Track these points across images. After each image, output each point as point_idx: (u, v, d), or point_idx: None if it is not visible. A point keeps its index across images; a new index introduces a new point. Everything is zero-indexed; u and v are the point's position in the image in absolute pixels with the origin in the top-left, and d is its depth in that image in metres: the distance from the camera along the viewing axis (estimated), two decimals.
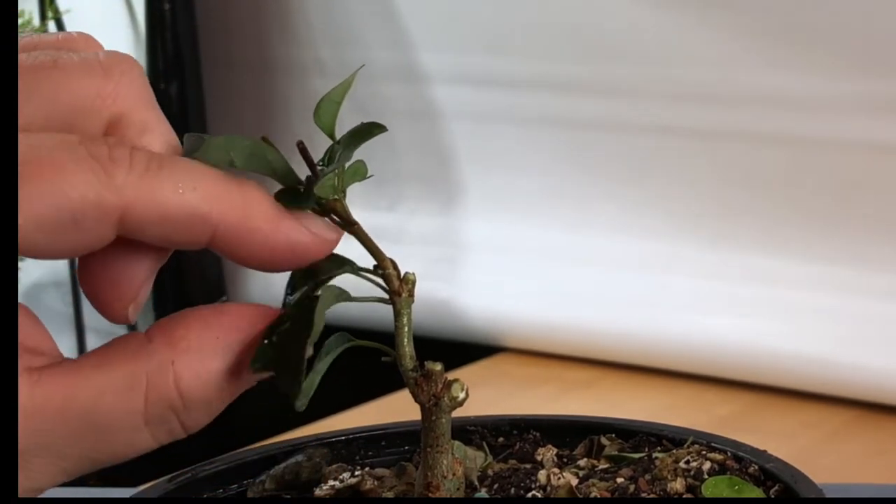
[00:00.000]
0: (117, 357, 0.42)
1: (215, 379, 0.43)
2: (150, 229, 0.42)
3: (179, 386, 0.42)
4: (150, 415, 0.42)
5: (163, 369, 0.42)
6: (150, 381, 0.42)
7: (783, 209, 1.29)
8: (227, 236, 0.43)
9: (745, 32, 1.28)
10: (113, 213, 0.41)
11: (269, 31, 1.60)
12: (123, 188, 0.41)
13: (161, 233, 0.42)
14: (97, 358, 0.42)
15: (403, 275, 0.47)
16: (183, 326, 0.43)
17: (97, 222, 0.41)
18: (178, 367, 0.42)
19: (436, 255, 1.48)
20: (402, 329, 0.47)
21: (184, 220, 0.42)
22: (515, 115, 1.44)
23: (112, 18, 1.60)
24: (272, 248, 0.43)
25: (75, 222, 0.40)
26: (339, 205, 0.46)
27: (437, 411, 0.48)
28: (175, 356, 0.42)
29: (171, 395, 0.42)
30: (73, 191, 0.40)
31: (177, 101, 1.58)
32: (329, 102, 0.47)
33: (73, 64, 0.44)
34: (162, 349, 0.42)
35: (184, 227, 0.42)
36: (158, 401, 0.42)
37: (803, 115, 1.26)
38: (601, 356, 1.36)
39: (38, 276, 1.58)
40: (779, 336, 1.26)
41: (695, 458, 0.51)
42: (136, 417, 0.42)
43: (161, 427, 0.42)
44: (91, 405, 0.41)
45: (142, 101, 0.45)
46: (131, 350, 0.42)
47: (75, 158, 0.41)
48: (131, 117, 0.44)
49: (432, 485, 0.48)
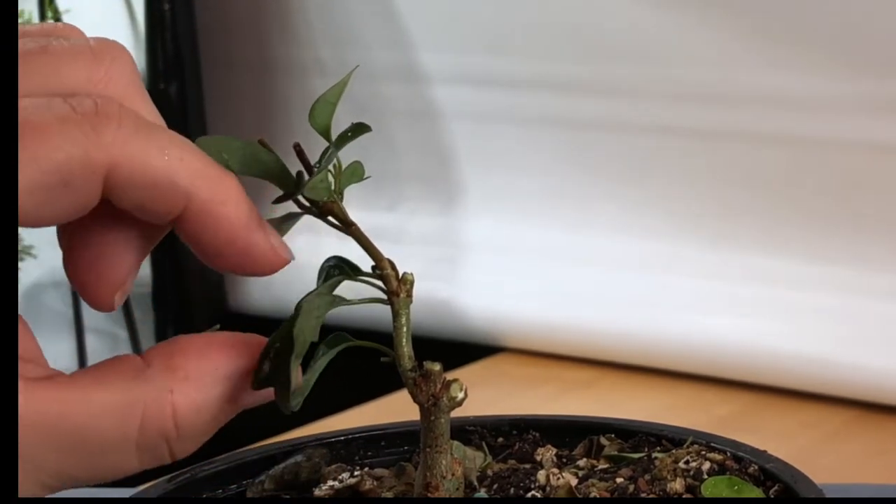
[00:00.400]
0: (115, 379, 0.42)
1: (211, 409, 0.42)
2: (130, 191, 0.41)
3: (176, 416, 0.42)
4: (142, 441, 0.42)
5: (161, 398, 0.42)
6: (147, 409, 0.41)
7: (783, 209, 1.29)
8: (197, 214, 0.43)
9: (745, 32, 1.28)
10: (101, 170, 0.41)
11: (268, 31, 1.60)
12: (111, 145, 0.41)
13: (140, 197, 0.42)
14: (94, 377, 0.42)
15: (402, 275, 0.47)
16: (181, 355, 0.43)
17: (86, 180, 0.40)
18: (176, 397, 0.42)
19: (436, 255, 1.48)
20: (400, 329, 0.47)
21: (164, 187, 0.42)
22: (515, 115, 1.44)
23: (112, 18, 1.60)
24: (233, 240, 0.43)
25: (65, 183, 0.40)
26: (336, 206, 0.46)
27: (435, 411, 0.48)
28: (174, 385, 0.42)
29: (167, 424, 0.42)
30: (60, 152, 0.40)
31: (177, 101, 1.58)
32: (324, 104, 0.47)
33: (63, 50, 0.44)
34: (160, 376, 0.42)
35: (163, 193, 0.42)
36: (153, 429, 0.42)
37: (803, 115, 1.26)
38: (601, 356, 1.36)
39: (38, 276, 1.58)
40: (779, 336, 1.26)
41: (694, 459, 0.51)
42: (127, 443, 0.42)
43: (150, 453, 0.42)
44: (84, 425, 0.41)
45: (132, 87, 0.45)
46: (129, 373, 0.42)
47: (60, 117, 0.41)
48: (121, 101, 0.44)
49: (431, 485, 0.48)
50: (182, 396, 0.42)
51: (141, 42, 1.60)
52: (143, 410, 0.41)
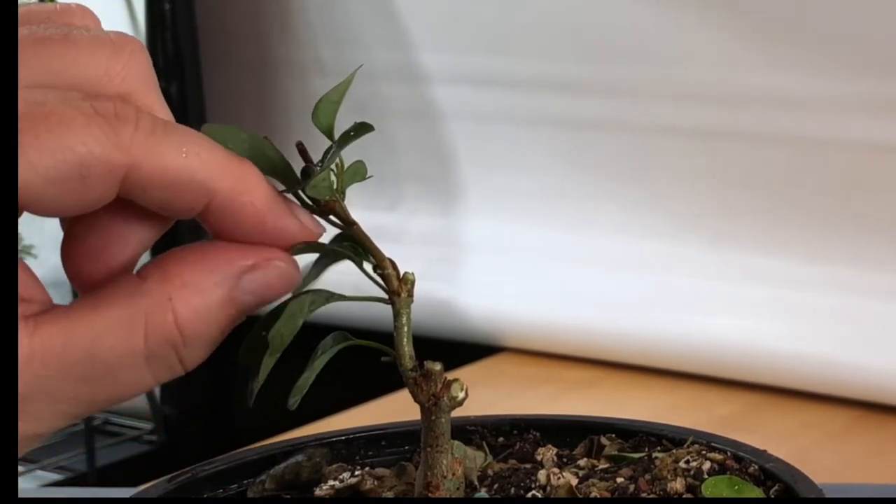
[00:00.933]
0: (113, 298, 0.42)
1: (213, 312, 0.43)
2: (150, 191, 0.42)
3: (178, 321, 0.42)
4: (150, 352, 0.42)
5: (161, 306, 0.42)
6: (149, 319, 0.42)
7: (783, 209, 1.29)
8: (221, 207, 0.43)
9: (745, 32, 1.28)
10: (119, 171, 0.41)
11: (269, 30, 1.60)
12: (130, 146, 0.41)
13: (161, 196, 0.42)
14: (92, 301, 0.42)
15: (402, 275, 0.47)
16: (176, 263, 0.43)
17: (103, 179, 0.41)
18: (176, 304, 0.42)
19: (436, 255, 1.48)
20: (401, 329, 0.47)
21: (185, 185, 0.42)
22: (515, 115, 1.44)
23: (112, 18, 1.60)
24: (261, 226, 0.44)
25: (82, 178, 0.41)
26: (338, 205, 0.46)
27: (436, 411, 0.48)
28: (172, 292, 0.42)
29: (171, 331, 0.42)
30: (82, 145, 0.40)
31: (177, 101, 1.58)
32: (327, 103, 0.47)
33: (84, 39, 0.44)
34: (158, 287, 0.42)
35: (184, 191, 0.42)
36: (158, 338, 0.42)
37: (803, 115, 1.26)
38: (601, 356, 1.36)
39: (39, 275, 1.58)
40: (779, 336, 1.26)
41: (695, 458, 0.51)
42: (136, 356, 0.42)
43: (161, 364, 0.43)
44: (91, 347, 0.41)
45: (147, 84, 0.45)
46: (127, 290, 0.42)
47: (83, 113, 0.41)
48: (136, 98, 0.44)
49: (432, 484, 0.48)
50: (182, 302, 0.42)
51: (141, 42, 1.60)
52: (146, 321, 0.42)
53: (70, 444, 1.65)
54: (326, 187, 0.46)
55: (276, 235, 0.44)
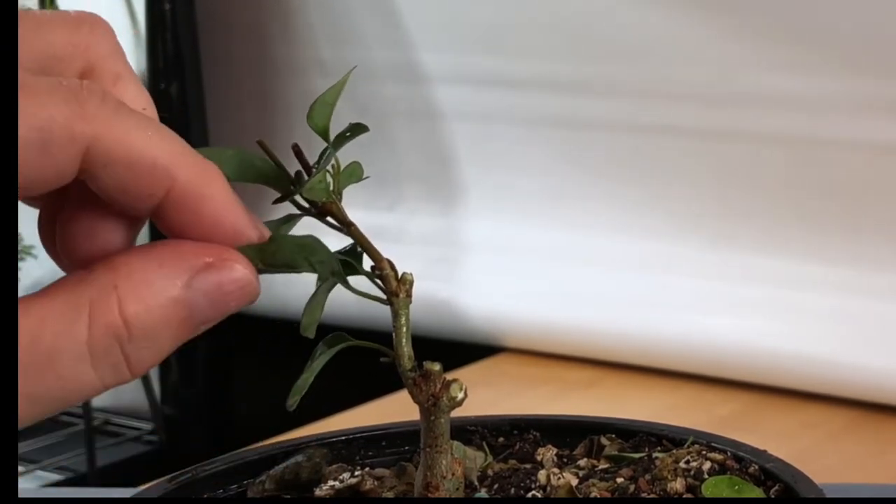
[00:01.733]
0: (58, 288, 0.41)
1: (161, 307, 0.41)
2: (111, 168, 0.41)
3: (123, 311, 0.41)
4: (93, 343, 0.41)
5: (105, 293, 0.41)
6: (93, 307, 0.41)
7: (783, 209, 1.29)
8: (180, 197, 0.42)
9: (745, 32, 1.28)
10: (81, 141, 0.40)
11: (269, 30, 1.60)
12: (94, 118, 0.40)
13: (121, 176, 0.41)
14: (37, 294, 0.41)
15: (401, 275, 0.47)
16: (125, 256, 0.42)
17: (64, 147, 0.40)
18: (120, 292, 0.41)
19: (436, 255, 1.48)
20: (400, 329, 0.47)
21: (147, 166, 0.41)
22: (515, 115, 1.44)
23: (112, 18, 1.59)
24: (218, 225, 0.43)
25: (43, 145, 0.40)
26: (335, 207, 0.46)
27: (435, 411, 0.48)
28: (117, 281, 0.41)
29: (115, 320, 0.41)
30: (43, 111, 0.40)
31: (177, 101, 1.58)
32: (322, 104, 0.47)
33: (45, 14, 0.44)
34: (103, 275, 0.41)
35: (145, 173, 0.41)
36: (101, 327, 0.41)
37: (803, 115, 1.26)
38: (601, 356, 1.36)
39: (39, 276, 1.58)
40: (779, 336, 1.26)
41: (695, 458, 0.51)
42: (79, 345, 0.40)
43: (105, 361, 0.41)
44: (33, 335, 0.40)
45: (113, 53, 0.45)
46: (73, 280, 0.42)
47: (48, 85, 0.40)
48: (104, 67, 0.44)
49: (431, 485, 0.48)
50: (127, 291, 0.41)
51: (141, 42, 1.60)
52: (90, 308, 0.41)
53: (70, 444, 1.65)
54: (323, 189, 0.46)
55: (232, 236, 0.43)
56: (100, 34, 0.45)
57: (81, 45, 0.44)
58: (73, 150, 0.40)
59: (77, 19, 0.45)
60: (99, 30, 0.45)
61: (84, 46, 0.44)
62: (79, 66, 0.44)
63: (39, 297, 0.41)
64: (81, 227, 0.43)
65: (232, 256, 0.43)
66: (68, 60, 0.44)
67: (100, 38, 0.45)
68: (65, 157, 0.40)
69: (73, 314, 0.41)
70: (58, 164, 0.40)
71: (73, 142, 0.40)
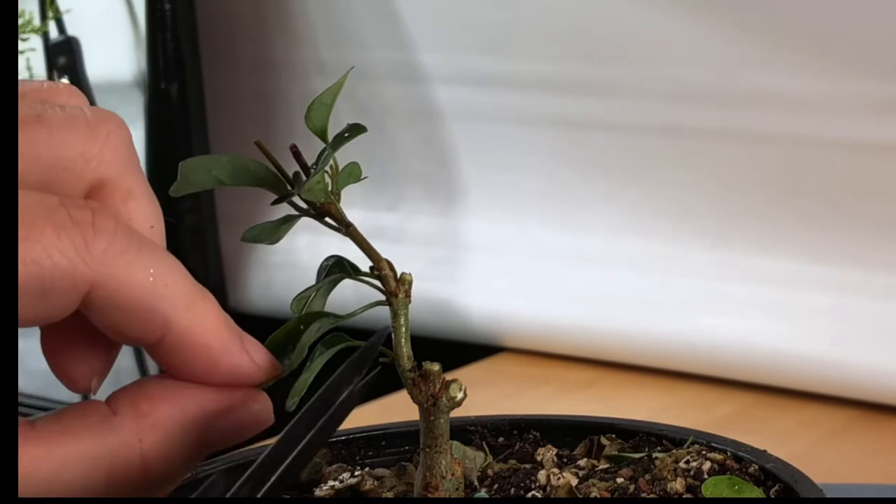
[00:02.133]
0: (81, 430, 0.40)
1: (181, 455, 0.42)
2: (109, 312, 0.40)
3: (146, 464, 0.41)
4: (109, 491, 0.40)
5: (129, 447, 0.41)
6: (116, 459, 0.40)
7: (783, 209, 1.29)
8: (175, 344, 0.42)
9: (745, 32, 1.28)
10: (83, 286, 0.40)
11: (269, 31, 1.60)
12: (100, 262, 0.40)
13: (118, 319, 0.41)
14: (59, 429, 0.40)
15: (400, 275, 0.48)
16: (148, 400, 0.42)
17: (64, 293, 0.39)
18: (145, 445, 0.41)
19: (436, 255, 1.48)
20: (399, 329, 0.47)
21: (144, 314, 0.41)
22: (516, 115, 1.44)
23: (112, 18, 1.59)
24: (213, 368, 0.42)
25: (43, 291, 0.39)
26: (334, 207, 0.46)
27: (435, 412, 0.48)
28: (143, 433, 0.41)
29: (137, 473, 0.41)
30: (48, 258, 0.39)
31: (177, 101, 1.58)
32: (320, 105, 0.47)
33: (57, 119, 0.42)
34: (128, 424, 0.41)
35: (143, 319, 0.41)
36: (122, 478, 0.40)
37: (803, 115, 1.26)
38: (601, 356, 1.36)
39: None
40: (779, 336, 1.26)
41: (695, 458, 0.51)
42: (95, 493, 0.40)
43: None
44: (51, 479, 0.39)
45: (127, 166, 0.43)
46: (96, 421, 0.41)
47: (55, 223, 0.39)
48: (116, 182, 0.43)
49: (431, 485, 0.48)
50: (152, 445, 0.41)
51: (141, 42, 1.60)
52: (112, 460, 0.40)
53: None
54: (321, 190, 0.46)
55: (229, 377, 0.43)
56: (114, 145, 0.43)
57: (94, 158, 0.42)
58: (73, 295, 0.40)
59: (93, 126, 0.42)
60: (114, 138, 0.43)
61: (97, 160, 0.42)
62: (88, 180, 0.42)
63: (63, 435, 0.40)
64: (64, 341, 0.43)
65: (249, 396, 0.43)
66: (79, 173, 0.42)
67: (114, 148, 0.43)
68: (63, 302, 0.40)
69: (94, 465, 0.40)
70: (54, 307, 0.40)
71: (74, 288, 0.39)
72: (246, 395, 0.43)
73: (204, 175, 0.45)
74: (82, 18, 1.56)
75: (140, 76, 1.61)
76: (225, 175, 0.45)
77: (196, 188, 0.45)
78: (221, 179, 0.45)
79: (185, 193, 0.44)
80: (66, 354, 0.42)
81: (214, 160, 0.45)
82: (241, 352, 0.43)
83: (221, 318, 0.42)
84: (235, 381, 0.43)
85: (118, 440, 0.40)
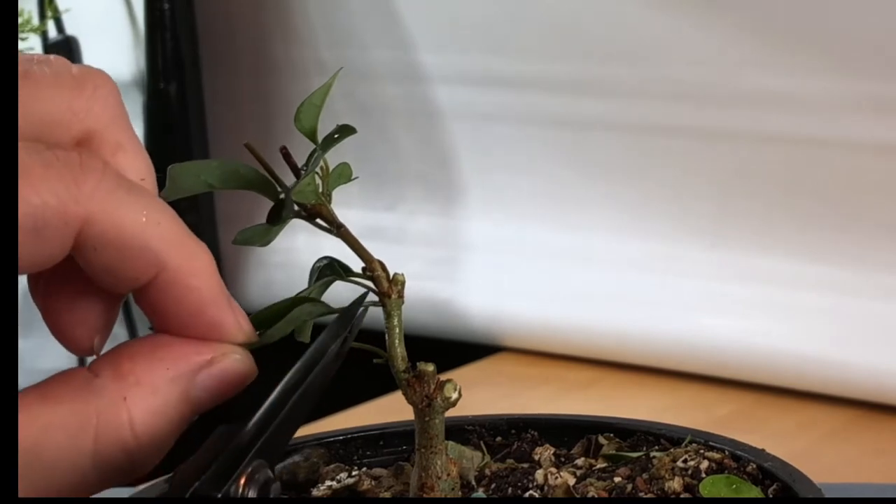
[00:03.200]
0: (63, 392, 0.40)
1: (168, 412, 0.41)
2: (101, 252, 0.40)
3: (133, 424, 0.40)
4: (99, 455, 0.40)
5: (114, 406, 0.40)
6: (101, 420, 0.40)
7: (783, 209, 1.29)
8: (166, 284, 0.41)
9: (744, 32, 1.28)
10: (75, 223, 0.39)
11: (269, 31, 1.60)
12: (90, 199, 0.40)
13: (110, 258, 0.40)
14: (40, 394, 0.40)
15: (392, 276, 0.47)
16: (129, 360, 0.41)
17: (57, 231, 0.39)
18: (130, 403, 0.40)
19: (436, 255, 1.48)
20: (392, 330, 0.47)
21: (138, 250, 0.41)
22: (516, 115, 1.44)
23: (111, 18, 1.59)
24: (199, 315, 0.42)
25: (36, 230, 0.39)
26: (325, 208, 0.46)
27: (429, 412, 0.48)
28: (126, 391, 0.41)
29: (124, 434, 0.40)
30: (37, 197, 0.39)
31: (176, 101, 1.58)
32: (309, 106, 0.47)
33: (43, 76, 0.42)
34: (111, 384, 0.41)
35: (135, 257, 0.41)
36: (110, 440, 0.40)
37: (803, 115, 1.26)
38: (601, 356, 1.36)
39: None
40: (778, 336, 1.26)
41: (693, 458, 0.51)
42: (83, 457, 0.40)
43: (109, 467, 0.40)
44: (36, 442, 0.39)
45: (116, 119, 0.43)
46: (78, 385, 0.41)
47: (43, 162, 0.39)
48: (104, 135, 0.43)
49: (426, 486, 0.48)
50: (137, 402, 0.40)
51: (140, 41, 1.60)
52: (97, 421, 0.40)
53: None
54: (311, 191, 0.46)
55: (211, 328, 0.42)
56: (102, 97, 0.43)
57: (82, 110, 0.42)
58: (66, 233, 0.40)
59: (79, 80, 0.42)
60: (102, 92, 0.43)
61: (84, 112, 0.42)
62: (77, 133, 0.42)
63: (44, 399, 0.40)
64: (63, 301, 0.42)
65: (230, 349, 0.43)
66: (66, 126, 0.42)
67: (102, 101, 0.43)
68: (57, 240, 0.39)
69: (79, 427, 0.40)
70: (48, 247, 0.39)
71: (66, 225, 0.39)
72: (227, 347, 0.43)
73: (193, 180, 0.45)
74: (81, 18, 1.56)
75: (139, 76, 1.61)
76: (214, 179, 0.45)
77: (185, 193, 0.45)
78: (211, 183, 0.45)
79: (176, 198, 0.44)
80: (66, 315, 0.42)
81: (205, 164, 0.45)
82: (227, 306, 0.43)
83: (213, 267, 0.42)
84: (216, 336, 0.43)
85: (102, 401, 0.40)
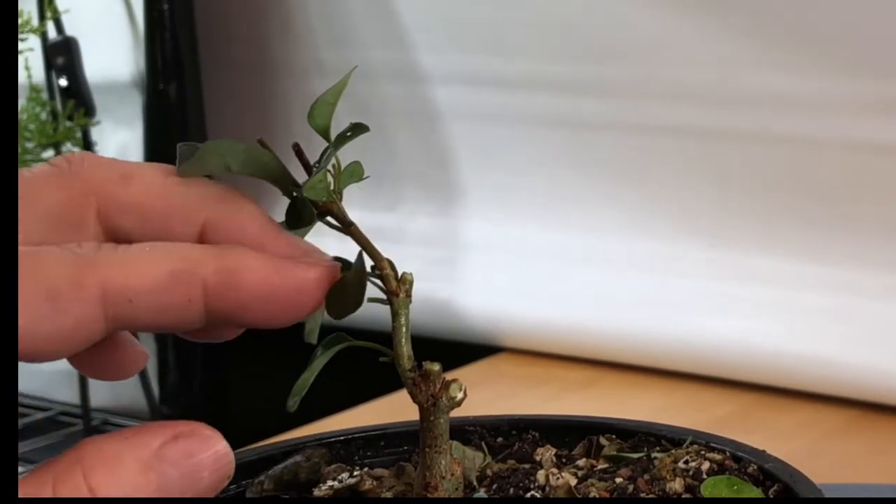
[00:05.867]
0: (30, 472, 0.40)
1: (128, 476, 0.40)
2: (138, 301, 0.40)
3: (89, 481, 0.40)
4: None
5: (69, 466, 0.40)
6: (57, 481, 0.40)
7: (783, 209, 1.29)
8: (220, 288, 0.41)
9: (745, 32, 1.28)
10: (92, 288, 0.39)
11: (268, 31, 1.60)
12: (97, 261, 0.40)
13: (152, 303, 0.40)
14: None
15: (401, 275, 0.48)
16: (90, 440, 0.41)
17: (76, 299, 0.39)
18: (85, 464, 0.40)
19: (436, 255, 1.48)
20: (399, 329, 0.47)
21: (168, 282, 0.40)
22: (515, 115, 1.44)
23: (111, 18, 1.59)
24: (271, 293, 0.42)
25: (51, 300, 0.39)
26: (336, 206, 0.46)
27: (435, 411, 0.48)
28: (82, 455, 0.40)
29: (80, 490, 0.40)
30: (45, 269, 0.39)
31: (175, 102, 1.58)
32: (323, 104, 0.47)
33: None
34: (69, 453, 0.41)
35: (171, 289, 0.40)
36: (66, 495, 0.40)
37: (803, 115, 1.26)
38: (600, 356, 1.36)
39: None
40: (778, 336, 1.26)
41: (694, 458, 0.51)
42: None
43: None
44: None
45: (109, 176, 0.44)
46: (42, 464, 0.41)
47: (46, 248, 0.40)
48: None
49: (430, 485, 0.48)
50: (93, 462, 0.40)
51: (140, 42, 1.60)
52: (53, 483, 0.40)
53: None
54: (323, 188, 0.46)
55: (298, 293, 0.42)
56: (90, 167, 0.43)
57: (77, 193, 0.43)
58: (86, 300, 0.39)
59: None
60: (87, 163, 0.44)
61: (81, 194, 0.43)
62: None
63: None
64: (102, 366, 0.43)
65: (198, 427, 0.42)
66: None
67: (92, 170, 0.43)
68: (79, 307, 0.39)
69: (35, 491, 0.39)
70: (75, 315, 0.39)
71: (82, 290, 0.39)
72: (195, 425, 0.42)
73: (216, 159, 0.44)
74: (81, 18, 1.56)
75: (138, 76, 1.61)
76: (236, 162, 0.45)
77: (205, 172, 0.44)
78: (230, 167, 0.44)
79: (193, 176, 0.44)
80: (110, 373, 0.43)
81: (231, 146, 0.45)
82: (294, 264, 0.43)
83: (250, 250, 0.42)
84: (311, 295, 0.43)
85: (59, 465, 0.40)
